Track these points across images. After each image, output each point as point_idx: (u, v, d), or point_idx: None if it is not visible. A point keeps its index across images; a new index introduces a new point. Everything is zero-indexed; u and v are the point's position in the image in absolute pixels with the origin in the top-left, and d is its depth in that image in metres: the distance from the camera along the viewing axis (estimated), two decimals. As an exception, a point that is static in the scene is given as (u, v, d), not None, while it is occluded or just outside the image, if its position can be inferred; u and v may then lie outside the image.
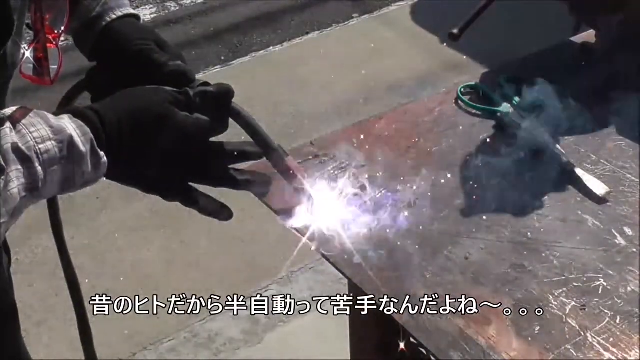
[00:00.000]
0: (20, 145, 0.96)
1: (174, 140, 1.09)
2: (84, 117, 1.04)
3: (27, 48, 1.12)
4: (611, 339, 1.15)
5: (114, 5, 1.28)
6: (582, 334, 1.16)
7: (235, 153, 1.17)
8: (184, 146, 1.10)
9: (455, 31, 1.64)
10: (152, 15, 4.62)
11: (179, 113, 1.10)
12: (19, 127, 0.98)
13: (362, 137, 1.52)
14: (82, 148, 1.01)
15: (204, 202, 1.16)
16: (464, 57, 3.90)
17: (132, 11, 1.29)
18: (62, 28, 1.17)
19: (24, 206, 0.99)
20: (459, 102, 1.64)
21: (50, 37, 1.15)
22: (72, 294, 1.46)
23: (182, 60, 1.23)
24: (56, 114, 1.04)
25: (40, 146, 0.98)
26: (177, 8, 4.69)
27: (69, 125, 1.01)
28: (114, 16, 1.27)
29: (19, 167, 0.96)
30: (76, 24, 1.27)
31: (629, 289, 1.23)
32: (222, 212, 1.18)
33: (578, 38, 1.79)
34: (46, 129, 0.99)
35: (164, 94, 1.12)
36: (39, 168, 0.97)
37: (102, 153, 1.04)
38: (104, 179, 1.10)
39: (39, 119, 1.00)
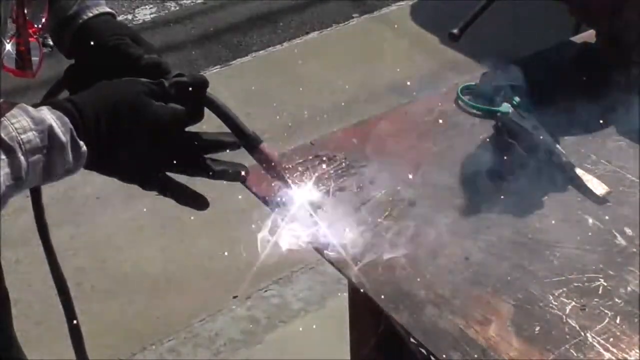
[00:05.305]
0: (2, 135, 0.99)
1: (149, 130, 1.11)
2: (62, 109, 1.06)
3: (8, 42, 1.13)
4: (611, 339, 1.15)
5: (90, 4, 1.30)
6: (582, 334, 1.16)
7: (211, 142, 1.17)
8: (160, 136, 1.12)
9: (455, 31, 1.64)
10: (152, 15, 4.62)
11: (154, 103, 1.11)
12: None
13: (362, 137, 1.52)
14: (62, 138, 1.03)
15: (180, 192, 1.17)
16: (464, 57, 3.90)
17: (108, 9, 1.31)
18: (42, 22, 1.18)
19: (9, 196, 1.01)
20: (459, 102, 1.64)
21: (31, 31, 1.17)
22: (59, 292, 1.48)
23: (157, 53, 1.24)
24: (35, 107, 1.05)
25: (22, 136, 1.00)
26: (177, 8, 4.69)
27: (49, 116, 1.03)
28: (90, 14, 1.29)
29: (3, 157, 0.98)
30: (53, 22, 1.29)
31: (629, 289, 1.23)
32: (198, 202, 1.19)
33: (578, 38, 1.79)
34: (27, 119, 1.01)
35: (139, 84, 1.13)
36: (22, 158, 1.00)
37: (81, 143, 1.06)
38: (94, 173, 1.11)
39: (20, 110, 1.02)
